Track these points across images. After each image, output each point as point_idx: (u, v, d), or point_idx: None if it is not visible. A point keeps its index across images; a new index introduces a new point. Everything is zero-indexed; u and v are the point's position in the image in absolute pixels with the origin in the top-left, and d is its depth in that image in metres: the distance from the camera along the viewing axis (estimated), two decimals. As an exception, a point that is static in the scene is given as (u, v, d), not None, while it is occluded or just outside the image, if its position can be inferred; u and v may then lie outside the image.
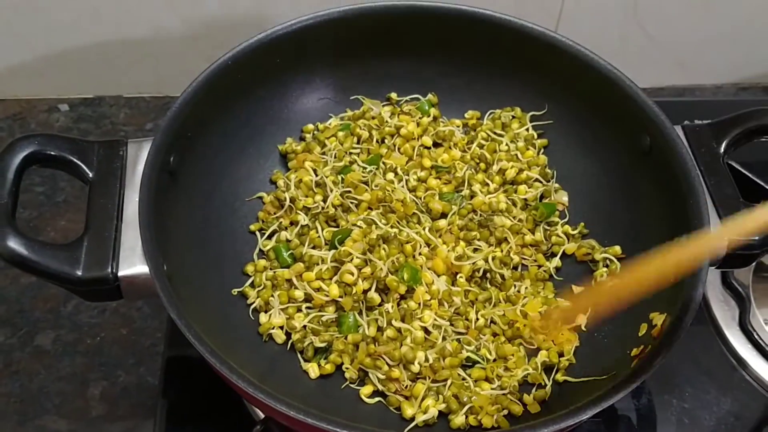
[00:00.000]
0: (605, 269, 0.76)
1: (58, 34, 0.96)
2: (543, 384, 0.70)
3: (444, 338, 0.71)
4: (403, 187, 0.78)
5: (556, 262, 0.77)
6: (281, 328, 0.72)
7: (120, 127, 0.99)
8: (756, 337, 0.81)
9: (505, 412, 0.68)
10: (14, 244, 0.62)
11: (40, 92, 1.01)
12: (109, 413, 0.77)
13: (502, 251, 0.76)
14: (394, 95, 0.85)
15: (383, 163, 0.80)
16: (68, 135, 0.71)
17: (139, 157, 0.69)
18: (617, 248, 0.77)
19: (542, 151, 0.84)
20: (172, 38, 0.97)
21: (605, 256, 0.77)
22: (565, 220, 0.81)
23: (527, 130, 0.83)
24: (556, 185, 0.82)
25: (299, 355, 0.72)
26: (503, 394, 0.69)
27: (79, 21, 0.94)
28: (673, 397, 0.78)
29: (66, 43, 0.96)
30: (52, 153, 0.68)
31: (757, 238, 0.68)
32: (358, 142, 0.82)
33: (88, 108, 1.00)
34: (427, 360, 0.68)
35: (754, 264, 0.83)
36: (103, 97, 1.01)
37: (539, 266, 0.78)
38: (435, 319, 0.71)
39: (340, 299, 0.71)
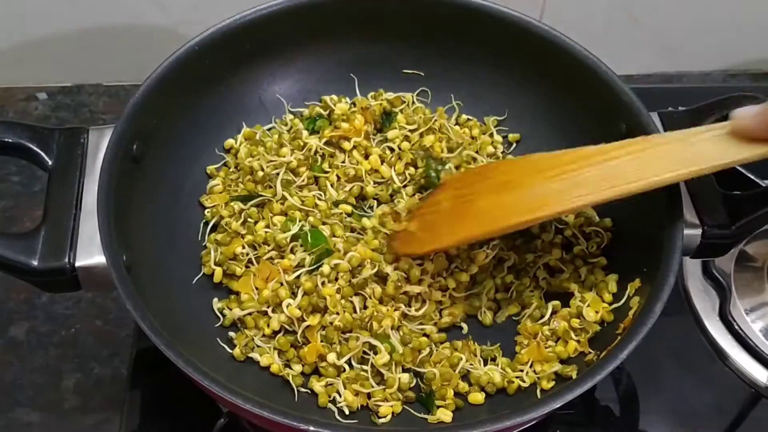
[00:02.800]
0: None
1: (36, 21, 0.95)
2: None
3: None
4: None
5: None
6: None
7: (99, 116, 0.98)
8: (736, 327, 0.79)
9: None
10: (-33, 233, 0.61)
11: (18, 80, 1.00)
12: (83, 405, 0.77)
13: None
14: (381, 91, 0.83)
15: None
16: (27, 122, 0.70)
17: (100, 144, 0.67)
18: (607, 221, 0.74)
19: (515, 145, 0.82)
20: (152, 25, 0.96)
21: (594, 229, 0.75)
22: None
23: (491, 135, 0.81)
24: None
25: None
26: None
27: (57, 8, 0.93)
28: (653, 389, 0.78)
29: (44, 30, 0.95)
30: (10, 140, 0.67)
31: (731, 226, 0.67)
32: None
33: (67, 96, 1.00)
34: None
35: (736, 253, 0.83)
36: (83, 85, 1.00)
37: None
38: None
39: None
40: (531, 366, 0.69)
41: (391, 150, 0.80)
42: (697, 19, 1.01)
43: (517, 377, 0.68)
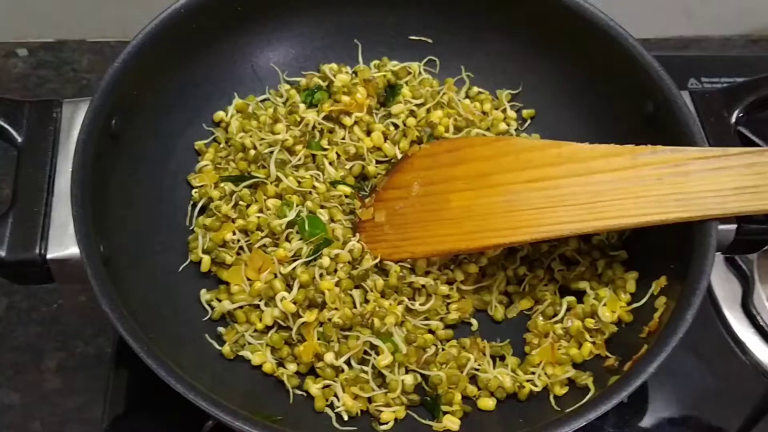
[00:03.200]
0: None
1: (16, -27, 0.91)
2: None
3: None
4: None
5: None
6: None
7: (83, 75, 0.95)
8: (758, 318, 0.77)
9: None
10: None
11: (-3, 36, 0.97)
12: (65, 387, 0.74)
13: None
14: (386, 59, 0.78)
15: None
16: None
17: (75, 119, 0.63)
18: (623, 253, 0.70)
19: (529, 122, 0.78)
20: (139, -22, 0.92)
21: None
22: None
23: (504, 111, 0.77)
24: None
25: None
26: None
27: (39, -42, 0.90)
28: (668, 382, 0.75)
29: (25, -18, 0.92)
30: (-26, 114, 0.62)
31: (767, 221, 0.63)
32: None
33: (49, 53, 0.96)
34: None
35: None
36: (65, 41, 0.97)
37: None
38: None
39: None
40: (542, 368, 0.65)
41: (396, 126, 0.75)
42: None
43: (528, 380, 0.64)
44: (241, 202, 0.69)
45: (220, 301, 0.67)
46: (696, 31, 1.02)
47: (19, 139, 0.63)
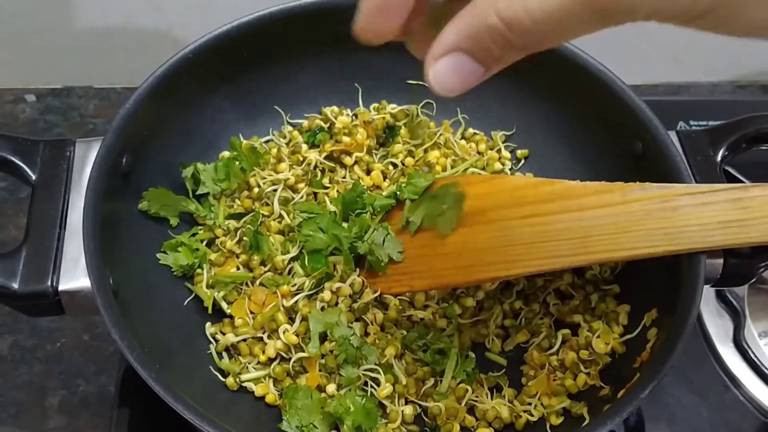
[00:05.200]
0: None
1: (25, 20, 0.92)
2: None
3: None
4: None
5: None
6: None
7: (89, 120, 0.96)
8: (750, 353, 0.77)
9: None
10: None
11: (6, 82, 0.97)
12: (68, 425, 0.74)
13: None
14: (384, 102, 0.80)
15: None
16: (9, 133, 0.67)
17: (88, 157, 0.65)
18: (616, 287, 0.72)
19: (523, 162, 0.79)
20: (145, 27, 0.94)
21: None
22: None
23: (498, 151, 0.79)
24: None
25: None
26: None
27: (48, 7, 0.91)
28: (662, 417, 0.75)
29: (34, 30, 0.93)
30: (-10, 153, 0.64)
31: (753, 255, 0.64)
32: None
33: (56, 99, 0.97)
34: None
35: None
36: (73, 87, 0.98)
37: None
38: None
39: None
40: (539, 398, 0.66)
41: (394, 165, 0.77)
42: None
43: (525, 411, 0.65)
44: (244, 239, 0.70)
45: (224, 333, 0.68)
46: (685, 77, 1.04)
47: (33, 177, 0.64)
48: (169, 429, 0.68)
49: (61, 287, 0.60)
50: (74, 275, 0.60)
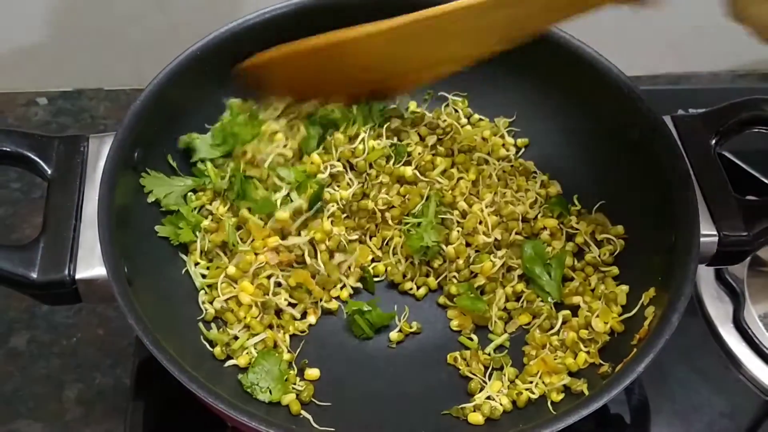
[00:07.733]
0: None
1: (36, 25, 0.94)
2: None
3: None
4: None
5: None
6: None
7: (100, 121, 0.98)
8: (750, 334, 0.78)
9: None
10: (-37, 246, 0.60)
11: (18, 85, 0.99)
12: (85, 416, 0.76)
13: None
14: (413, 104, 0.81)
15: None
16: (25, 130, 0.69)
17: (101, 152, 0.67)
18: (620, 228, 0.73)
19: (523, 150, 0.81)
20: (153, 28, 0.95)
21: (606, 236, 0.74)
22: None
23: (502, 137, 0.80)
24: (543, 178, 0.79)
25: None
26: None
27: (57, 12, 0.92)
28: (665, 398, 0.76)
29: (44, 35, 0.94)
30: (8, 149, 0.65)
31: (747, 233, 0.66)
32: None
33: (68, 101, 0.99)
34: None
35: (749, 258, 0.81)
36: (83, 90, 1.00)
37: None
38: None
39: None
40: (540, 377, 0.67)
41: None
42: (705, 19, 0.99)
43: (526, 389, 0.66)
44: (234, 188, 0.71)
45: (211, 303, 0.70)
46: (685, 67, 1.05)
47: (49, 171, 0.66)
48: (183, 418, 0.72)
49: (78, 276, 0.61)
50: (90, 264, 0.62)
